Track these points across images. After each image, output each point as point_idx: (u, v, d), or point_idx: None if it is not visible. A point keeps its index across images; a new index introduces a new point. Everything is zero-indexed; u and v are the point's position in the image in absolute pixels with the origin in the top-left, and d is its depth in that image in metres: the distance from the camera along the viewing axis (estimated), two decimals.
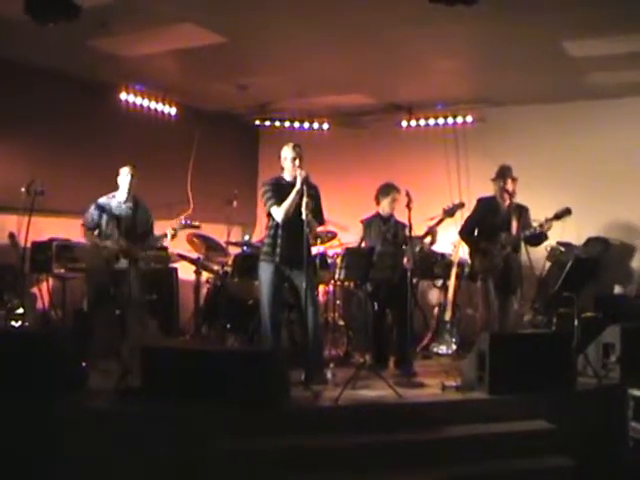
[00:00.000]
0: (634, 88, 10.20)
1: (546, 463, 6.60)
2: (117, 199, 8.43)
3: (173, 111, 11.40)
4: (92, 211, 8.30)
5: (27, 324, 8.28)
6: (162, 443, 5.98)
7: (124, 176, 8.43)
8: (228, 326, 9.32)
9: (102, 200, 8.37)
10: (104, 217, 8.29)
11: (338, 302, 9.86)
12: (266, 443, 6.16)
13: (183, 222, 8.70)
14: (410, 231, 7.92)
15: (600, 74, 9.67)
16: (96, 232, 8.30)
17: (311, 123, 12.46)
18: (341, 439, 6.35)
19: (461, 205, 8.49)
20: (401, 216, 8.45)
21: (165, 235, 8.53)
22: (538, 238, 8.44)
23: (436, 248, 10.33)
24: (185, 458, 5.93)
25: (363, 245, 8.73)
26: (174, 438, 6.01)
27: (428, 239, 8.60)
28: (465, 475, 6.34)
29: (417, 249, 8.62)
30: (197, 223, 8.91)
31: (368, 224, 8.74)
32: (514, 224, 8.43)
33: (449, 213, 8.37)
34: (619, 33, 8.10)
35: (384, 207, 8.69)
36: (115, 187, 8.45)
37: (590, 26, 7.92)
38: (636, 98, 10.52)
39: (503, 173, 8.63)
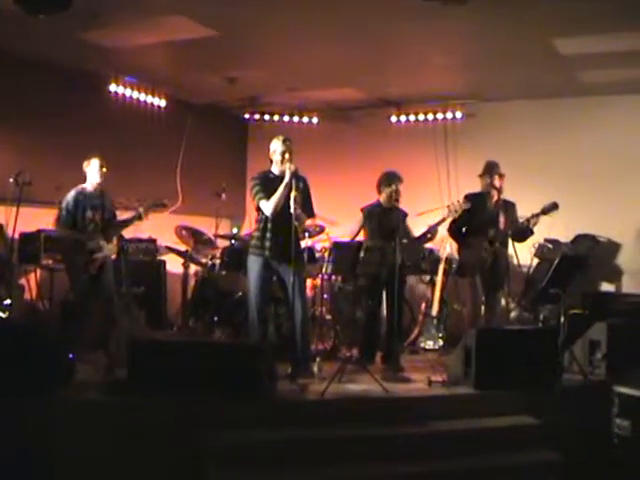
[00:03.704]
0: (625, 85, 10.22)
1: (531, 458, 6.64)
2: (88, 189, 8.34)
3: (163, 103, 11.36)
4: (65, 207, 8.24)
5: (14, 315, 8.25)
6: (148, 435, 5.99)
7: (94, 166, 8.29)
8: (215, 319, 9.34)
9: (72, 194, 8.24)
10: (79, 209, 8.22)
11: (325, 296, 9.87)
12: (252, 436, 6.19)
13: (151, 202, 8.64)
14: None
15: (591, 71, 9.69)
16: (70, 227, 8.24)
17: (301, 117, 12.44)
18: (326, 432, 6.38)
19: (467, 206, 8.42)
20: None
21: (138, 216, 8.47)
22: (524, 233, 8.45)
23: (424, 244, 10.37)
24: (171, 450, 5.95)
25: (362, 234, 8.65)
26: (159, 430, 6.03)
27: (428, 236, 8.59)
28: (450, 470, 6.36)
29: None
30: (165, 201, 8.88)
31: (369, 213, 8.66)
32: (502, 220, 8.45)
33: (453, 211, 8.32)
34: (610, 31, 8.10)
35: (385, 197, 8.63)
36: (106, 178, 8.38)
37: (581, 24, 7.92)
38: (626, 96, 10.54)
39: (490, 169, 8.65)
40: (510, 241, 8.44)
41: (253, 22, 8.19)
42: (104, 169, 8.32)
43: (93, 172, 8.32)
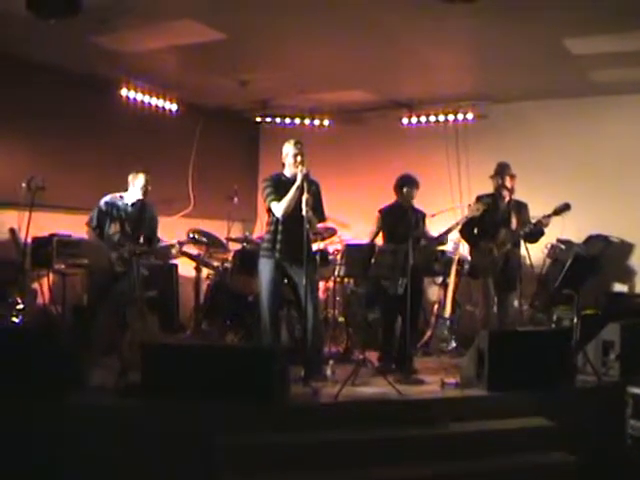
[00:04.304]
0: (636, 85, 10.18)
1: (545, 460, 6.61)
2: (125, 200, 8.36)
3: (174, 107, 11.38)
4: (96, 210, 8.26)
5: (27, 320, 8.27)
6: (161, 439, 6.00)
7: (139, 182, 8.31)
8: (228, 322, 9.35)
9: (107, 199, 8.30)
10: (108, 217, 8.26)
11: (338, 299, 9.86)
12: (265, 439, 6.19)
13: (191, 236, 8.71)
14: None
15: (602, 71, 9.66)
16: (97, 232, 8.27)
17: (312, 120, 12.45)
18: (340, 435, 6.36)
19: (486, 205, 8.41)
20: None
21: (172, 246, 8.53)
22: (535, 235, 8.44)
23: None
24: (184, 454, 5.95)
25: (380, 235, 8.61)
26: (172, 434, 6.04)
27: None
28: (465, 471, 6.33)
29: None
30: (202, 238, 8.95)
31: (386, 214, 8.60)
32: (514, 220, 8.45)
33: (475, 210, 8.32)
34: (621, 30, 8.09)
35: (401, 199, 8.58)
36: (117, 183, 8.43)
37: (592, 23, 7.90)
38: (638, 95, 10.50)
39: (501, 170, 8.66)
40: (522, 242, 8.42)
41: (262, 25, 8.21)
42: (149, 187, 8.36)
43: (137, 187, 8.34)
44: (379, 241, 8.62)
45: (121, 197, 8.37)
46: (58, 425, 6.05)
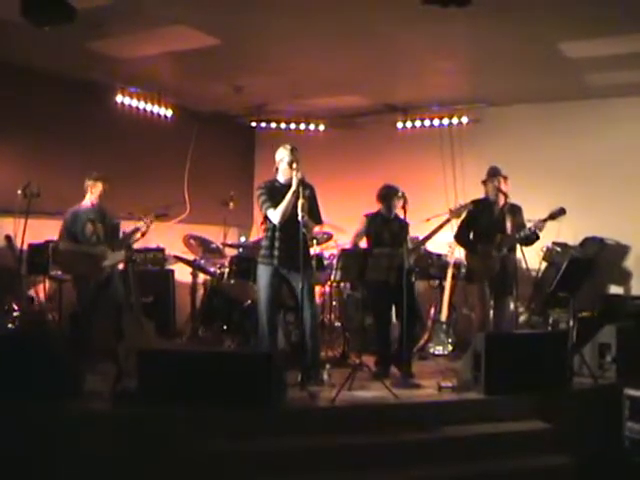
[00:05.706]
0: (630, 88, 10.20)
1: (542, 463, 6.60)
2: (85, 205, 8.51)
3: (169, 113, 11.38)
4: (64, 224, 8.38)
5: (23, 326, 8.26)
6: (157, 445, 5.99)
7: (97, 190, 8.49)
8: (225, 328, 9.33)
9: (72, 210, 8.45)
10: (79, 223, 8.36)
11: (334, 303, 9.86)
12: (263, 444, 6.19)
13: (153, 215, 8.69)
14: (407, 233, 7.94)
15: (597, 74, 9.67)
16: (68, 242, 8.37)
17: (307, 124, 12.48)
18: (338, 440, 6.36)
19: (468, 205, 8.42)
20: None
21: (137, 229, 8.53)
22: (531, 239, 8.44)
23: (432, 249, 10.34)
24: (182, 460, 5.94)
25: (365, 239, 8.64)
26: (171, 440, 6.03)
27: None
28: (462, 475, 6.35)
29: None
30: (166, 211, 8.96)
31: (370, 221, 8.59)
32: (509, 224, 8.44)
33: (456, 214, 8.33)
34: (615, 34, 8.09)
35: (384, 210, 8.59)
36: (112, 189, 8.45)
37: (587, 27, 7.91)
38: (632, 98, 10.52)
39: (494, 173, 8.66)
40: (518, 245, 8.43)
41: (258, 30, 8.21)
42: (106, 193, 8.51)
43: (95, 194, 8.51)
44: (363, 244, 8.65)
45: (80, 205, 8.52)
46: (54, 431, 6.04)
